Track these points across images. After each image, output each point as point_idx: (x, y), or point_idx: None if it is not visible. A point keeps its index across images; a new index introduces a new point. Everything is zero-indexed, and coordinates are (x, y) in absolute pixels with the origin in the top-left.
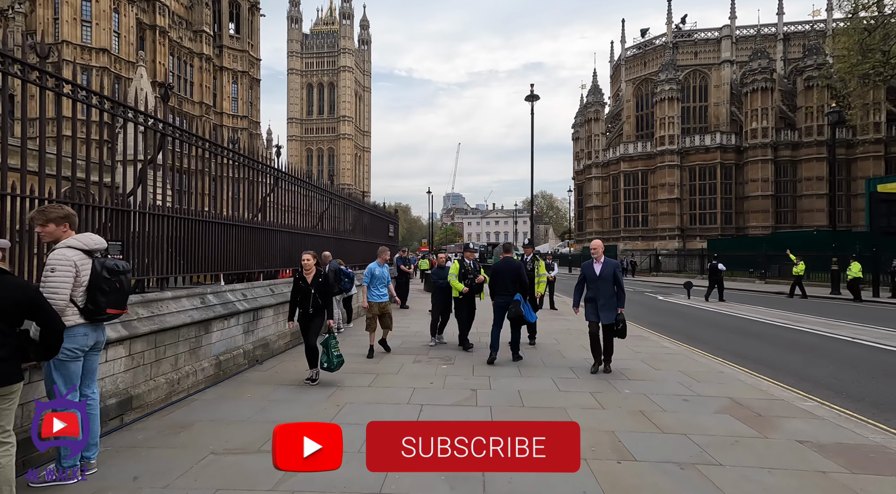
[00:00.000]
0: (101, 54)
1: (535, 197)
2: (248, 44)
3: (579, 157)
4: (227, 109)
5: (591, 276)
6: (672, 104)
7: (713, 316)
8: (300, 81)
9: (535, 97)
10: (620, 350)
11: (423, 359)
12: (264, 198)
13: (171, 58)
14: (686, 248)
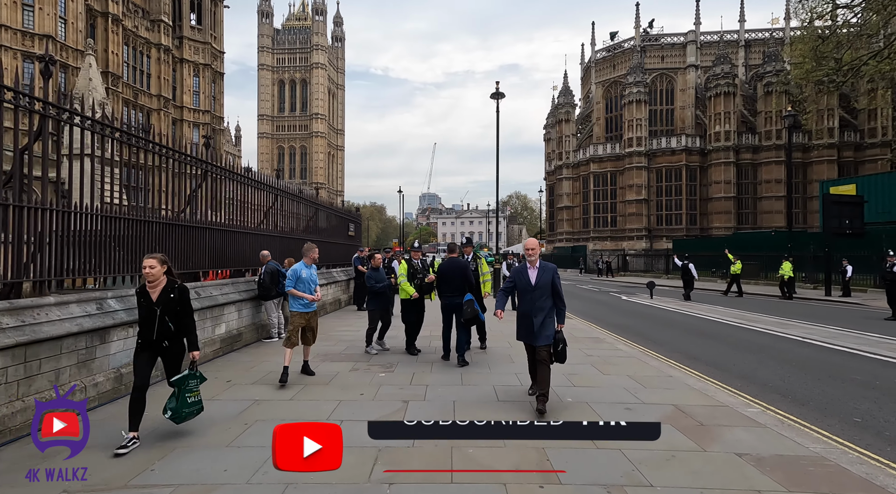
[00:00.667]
0: (44, 41)
1: (510, 198)
2: (211, 36)
3: (551, 157)
4: (189, 103)
5: (524, 285)
6: (640, 107)
7: (672, 316)
8: (271, 77)
9: (500, 95)
10: (573, 354)
11: (361, 367)
12: (191, 193)
13: (126, 48)
14: (653, 248)
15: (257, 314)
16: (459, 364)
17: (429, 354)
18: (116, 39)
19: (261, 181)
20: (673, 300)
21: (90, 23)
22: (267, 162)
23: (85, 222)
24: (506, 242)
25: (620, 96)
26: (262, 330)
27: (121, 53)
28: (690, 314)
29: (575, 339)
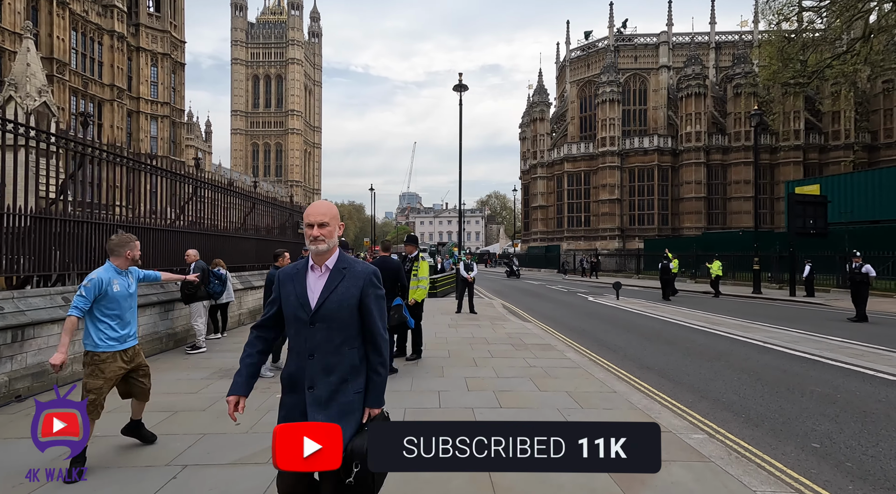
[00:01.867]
0: None
1: (489, 198)
2: (171, 24)
3: (526, 157)
4: (146, 95)
5: (292, 308)
6: (613, 106)
7: (634, 319)
8: (245, 71)
9: (463, 87)
10: (515, 363)
11: (259, 385)
12: (64, 182)
13: (75, 33)
14: (626, 248)
15: (162, 322)
16: None
17: None
18: (62, 23)
19: (164, 169)
20: (640, 301)
21: (32, 5)
22: (241, 159)
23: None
24: (483, 241)
25: (594, 96)
26: (174, 340)
27: (68, 39)
28: (654, 315)
29: (524, 346)
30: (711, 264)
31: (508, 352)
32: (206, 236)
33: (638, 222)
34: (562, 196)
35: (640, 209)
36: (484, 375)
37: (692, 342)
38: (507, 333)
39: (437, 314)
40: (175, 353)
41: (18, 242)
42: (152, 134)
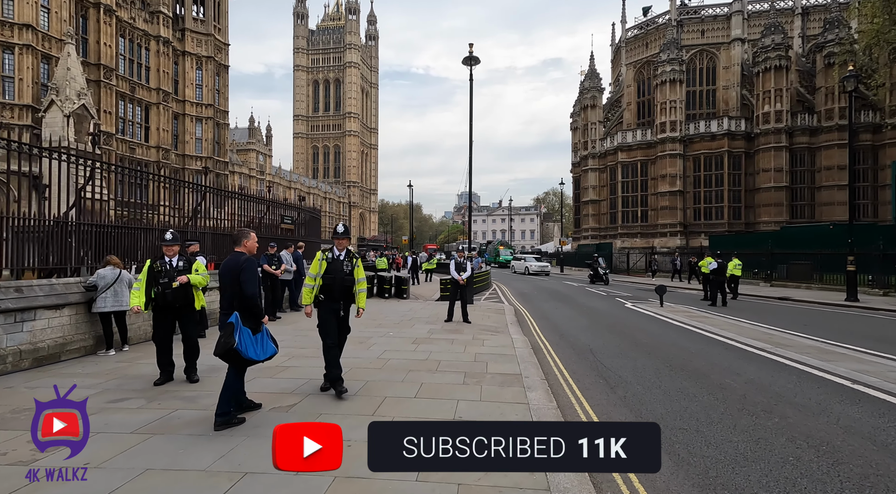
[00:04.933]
0: (24, 31)
1: (546, 195)
2: (215, 27)
3: (576, 148)
4: (191, 97)
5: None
6: (674, 87)
7: (667, 336)
8: (306, 77)
9: (474, 60)
10: (437, 409)
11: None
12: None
13: (123, 40)
14: (689, 246)
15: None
16: (217, 425)
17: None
18: (109, 30)
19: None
20: (687, 309)
21: (81, 14)
22: (302, 162)
23: None
24: (539, 239)
25: (653, 77)
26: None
27: (115, 45)
28: (695, 330)
29: (480, 378)
30: (729, 264)
31: (447, 389)
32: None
33: (704, 216)
34: (615, 189)
35: (706, 202)
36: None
37: (735, 376)
38: (476, 353)
39: (420, 323)
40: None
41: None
42: (197, 136)
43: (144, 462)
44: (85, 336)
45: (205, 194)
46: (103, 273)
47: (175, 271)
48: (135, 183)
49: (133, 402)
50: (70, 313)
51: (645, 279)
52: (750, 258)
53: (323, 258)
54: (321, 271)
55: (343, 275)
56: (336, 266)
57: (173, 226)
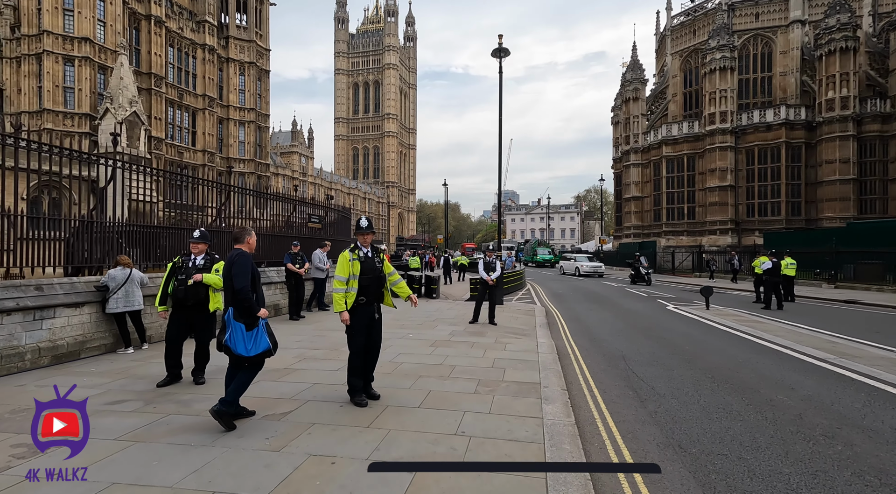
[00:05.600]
0: (83, 44)
1: (588, 192)
2: (257, 34)
3: (618, 143)
4: (235, 102)
5: None
6: (725, 76)
7: (710, 342)
8: (346, 80)
9: (504, 51)
10: (436, 424)
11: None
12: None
13: (171, 49)
14: (741, 244)
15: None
16: (218, 422)
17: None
18: (159, 41)
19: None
20: (736, 312)
21: (134, 26)
22: (342, 163)
23: None
24: (579, 238)
25: (701, 66)
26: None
27: (164, 55)
28: (744, 335)
29: (494, 387)
30: (782, 262)
31: (455, 398)
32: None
33: (758, 212)
34: (659, 185)
35: (760, 197)
36: (341, 453)
37: (789, 391)
38: (495, 358)
39: (444, 324)
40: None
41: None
42: (240, 139)
43: (113, 475)
44: (105, 334)
45: (229, 193)
46: (113, 274)
47: (194, 269)
48: (179, 185)
49: (129, 405)
50: (90, 311)
51: (692, 280)
52: (811, 257)
53: (354, 259)
54: (355, 272)
55: (379, 274)
56: (370, 265)
57: (202, 226)
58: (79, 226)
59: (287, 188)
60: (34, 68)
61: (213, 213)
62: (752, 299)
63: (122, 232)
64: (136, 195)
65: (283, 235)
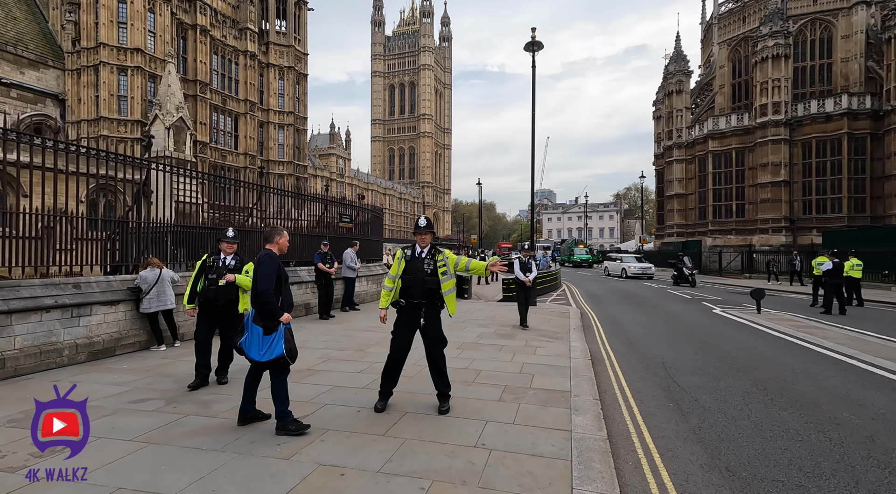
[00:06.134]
0: (135, 54)
1: (628, 191)
2: (295, 38)
3: (660, 138)
4: (274, 106)
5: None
6: (778, 64)
7: (768, 351)
8: (383, 82)
9: (537, 45)
10: (450, 437)
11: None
12: (136, 193)
13: (215, 56)
14: (797, 243)
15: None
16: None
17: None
18: (204, 49)
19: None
20: (792, 317)
21: (181, 36)
22: (379, 164)
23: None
24: (619, 237)
25: (751, 54)
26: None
27: (209, 62)
28: (802, 343)
29: (519, 394)
30: (844, 264)
31: (478, 406)
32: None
33: (815, 209)
34: (704, 182)
35: (818, 193)
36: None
37: (857, 408)
38: (524, 363)
39: (473, 326)
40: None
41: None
42: (279, 142)
43: (121, 479)
44: (139, 332)
45: (260, 193)
46: (145, 275)
47: (225, 269)
48: (222, 187)
49: (151, 404)
50: (125, 309)
51: (741, 281)
52: (878, 258)
53: (402, 257)
54: (399, 271)
55: (423, 276)
56: (415, 265)
57: (238, 226)
58: (116, 226)
59: (320, 189)
60: (92, 79)
61: (253, 213)
62: (808, 302)
63: (167, 232)
64: (182, 197)
65: (314, 234)
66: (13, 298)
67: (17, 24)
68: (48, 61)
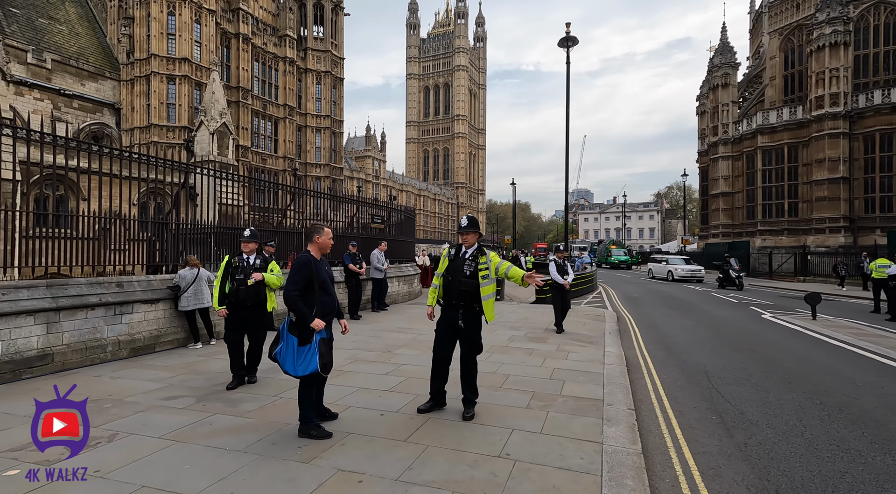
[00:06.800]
0: (182, 63)
1: (669, 189)
2: (332, 44)
3: (704, 134)
4: (312, 110)
5: None
6: (837, 52)
7: (825, 361)
8: (417, 84)
9: (571, 40)
10: (471, 447)
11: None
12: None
13: (256, 63)
14: (857, 244)
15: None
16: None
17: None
18: (246, 57)
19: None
20: (852, 325)
21: (225, 44)
22: (413, 165)
23: None
24: (660, 238)
25: (806, 44)
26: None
27: (250, 69)
28: (866, 354)
29: (549, 401)
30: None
31: (504, 413)
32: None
33: (879, 207)
34: (753, 179)
35: (882, 190)
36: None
37: None
38: (554, 369)
39: (503, 328)
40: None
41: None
42: (316, 145)
43: (145, 477)
44: (178, 330)
45: (294, 195)
46: (183, 274)
47: (251, 269)
48: (261, 189)
49: (182, 401)
50: (164, 307)
51: (794, 284)
52: None
53: (446, 255)
54: (442, 269)
55: (461, 277)
56: (456, 266)
57: (277, 226)
58: (157, 228)
59: (355, 191)
60: (144, 88)
61: (287, 214)
62: (869, 308)
63: (210, 233)
64: (225, 199)
65: (347, 235)
66: (62, 295)
67: (79, 39)
68: (106, 73)
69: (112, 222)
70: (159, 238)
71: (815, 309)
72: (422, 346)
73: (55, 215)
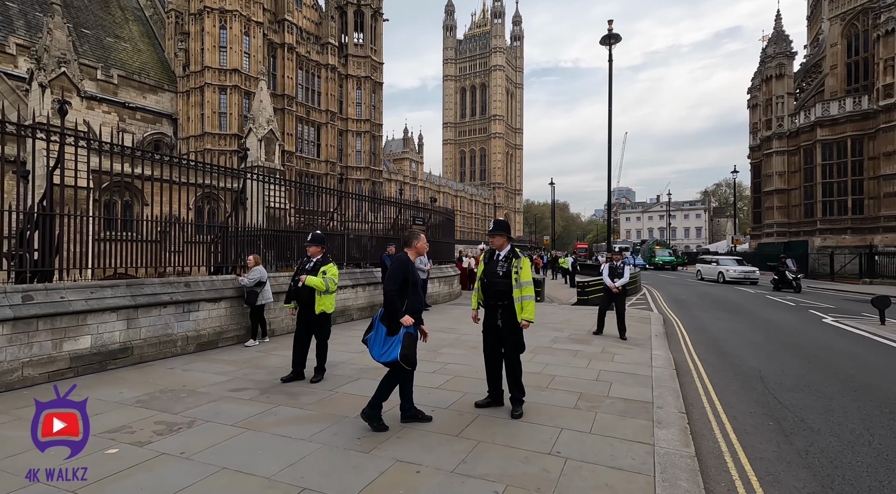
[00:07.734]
0: (233, 74)
1: (718, 187)
2: (371, 49)
3: (756, 128)
4: (352, 115)
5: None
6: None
7: (893, 369)
8: (454, 85)
9: (614, 37)
10: (519, 450)
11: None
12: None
13: (300, 71)
14: None
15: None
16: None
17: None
18: (291, 65)
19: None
20: None
21: (271, 54)
22: (450, 166)
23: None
24: (707, 238)
25: (872, 28)
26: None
27: (295, 77)
28: None
29: (596, 403)
30: None
31: (552, 412)
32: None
33: None
34: (812, 175)
35: None
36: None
37: None
38: (600, 370)
39: (546, 329)
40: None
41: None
42: (357, 148)
43: (225, 459)
44: (237, 326)
45: (339, 199)
46: (260, 269)
47: (303, 271)
48: (306, 193)
49: (247, 393)
50: (226, 305)
51: (859, 287)
52: None
53: (483, 258)
54: (479, 272)
55: (495, 278)
56: (491, 268)
57: (319, 229)
58: (218, 231)
59: (394, 193)
60: (198, 99)
61: (333, 217)
62: None
63: (259, 235)
64: (271, 203)
65: (389, 237)
66: (139, 294)
67: (140, 55)
68: (164, 86)
69: (171, 226)
70: (221, 240)
71: (884, 313)
72: (466, 346)
73: (122, 220)
